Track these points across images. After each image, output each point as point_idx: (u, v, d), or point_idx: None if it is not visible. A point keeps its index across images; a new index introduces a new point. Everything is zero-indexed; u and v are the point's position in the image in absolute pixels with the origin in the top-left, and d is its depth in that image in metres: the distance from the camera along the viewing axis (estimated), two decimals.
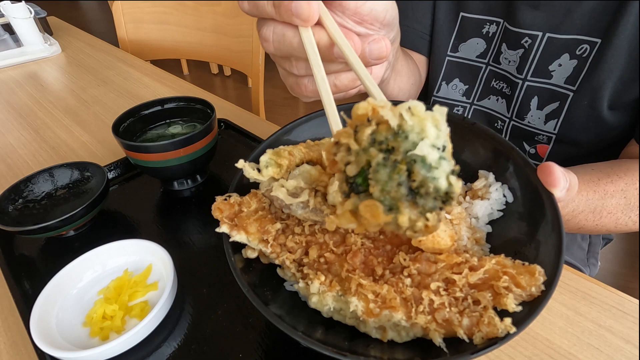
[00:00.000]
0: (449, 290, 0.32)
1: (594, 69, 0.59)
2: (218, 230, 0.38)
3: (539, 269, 0.32)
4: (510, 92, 0.70)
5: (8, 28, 1.30)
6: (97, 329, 0.44)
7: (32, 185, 0.60)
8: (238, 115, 0.89)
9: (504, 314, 0.30)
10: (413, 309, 0.32)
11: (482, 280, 0.33)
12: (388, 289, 0.33)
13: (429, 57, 0.81)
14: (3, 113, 0.97)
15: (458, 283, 0.32)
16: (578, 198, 0.53)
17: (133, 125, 0.67)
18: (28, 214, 0.58)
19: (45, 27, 1.41)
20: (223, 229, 0.38)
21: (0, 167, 0.77)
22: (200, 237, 0.58)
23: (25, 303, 0.47)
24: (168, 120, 0.71)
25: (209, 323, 0.46)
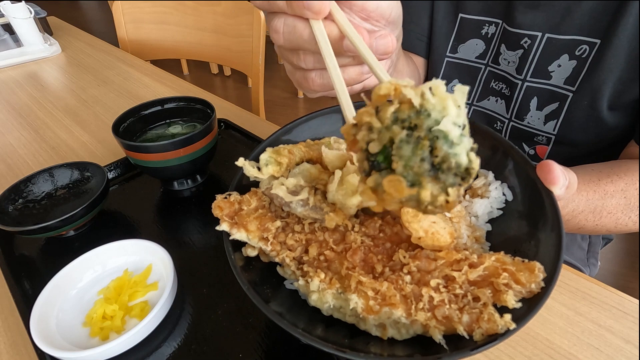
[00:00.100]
0: (449, 287, 0.32)
1: (594, 70, 0.59)
2: (218, 229, 0.38)
3: (539, 266, 0.32)
4: (510, 92, 0.70)
5: (8, 28, 1.30)
6: (97, 329, 0.44)
7: (32, 185, 0.60)
8: (238, 115, 0.89)
9: (504, 311, 0.30)
10: (413, 306, 0.32)
11: (481, 277, 0.33)
12: (388, 286, 0.33)
13: (427, 58, 0.81)
14: (3, 113, 0.97)
15: (458, 280, 0.32)
16: (578, 198, 0.53)
17: (133, 125, 0.67)
18: (28, 214, 0.58)
19: (45, 27, 1.41)
20: (223, 227, 0.38)
21: (0, 167, 0.77)
22: (200, 237, 0.58)
23: (25, 303, 0.47)
24: (168, 120, 0.71)
25: (209, 323, 0.46)
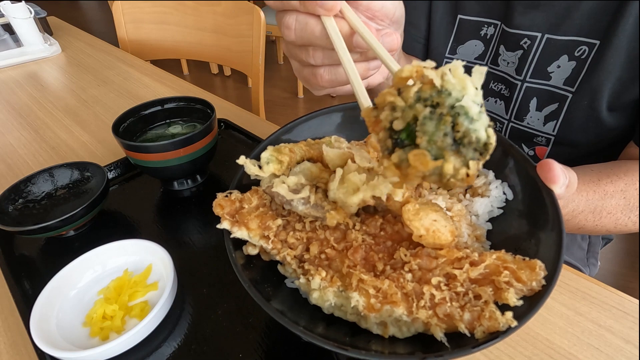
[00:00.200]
0: (450, 285, 0.32)
1: (593, 70, 0.58)
2: (219, 227, 0.38)
3: (540, 264, 0.32)
4: (509, 93, 0.70)
5: (8, 28, 1.30)
6: (97, 329, 0.44)
7: (32, 185, 0.60)
8: (238, 115, 0.89)
9: (505, 309, 0.30)
10: (414, 304, 0.32)
11: (482, 275, 0.33)
12: (389, 284, 0.33)
13: (425, 60, 0.81)
14: (3, 113, 0.97)
15: (459, 278, 0.32)
16: (578, 198, 0.53)
17: (133, 125, 0.67)
18: (28, 214, 0.58)
19: (45, 27, 1.40)
20: (224, 226, 0.38)
21: (0, 167, 0.77)
22: (200, 237, 0.58)
23: (25, 303, 0.47)
24: (168, 120, 0.71)
25: (209, 323, 0.46)
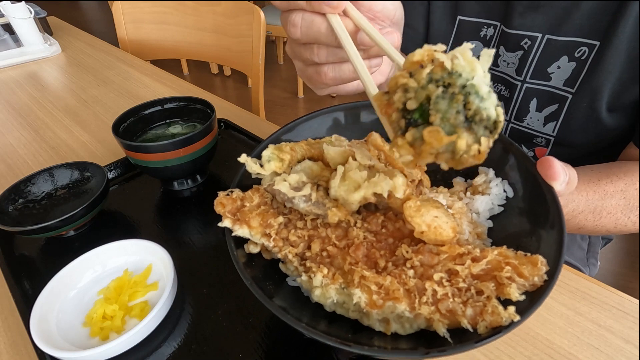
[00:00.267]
0: (452, 281, 0.32)
1: (593, 71, 0.58)
2: (220, 225, 0.38)
3: (541, 259, 0.32)
4: (509, 94, 0.70)
5: (8, 28, 1.30)
6: (97, 329, 0.44)
7: (32, 185, 0.60)
8: (238, 115, 0.89)
9: (507, 304, 0.30)
10: (416, 300, 0.32)
11: (484, 271, 0.33)
12: (391, 280, 0.33)
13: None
14: (3, 113, 0.97)
15: (461, 274, 0.32)
16: (578, 198, 0.53)
17: (133, 125, 0.67)
18: (28, 214, 0.58)
19: (45, 27, 1.40)
20: (225, 224, 0.38)
21: (0, 167, 0.77)
22: (200, 237, 0.58)
23: (25, 303, 0.47)
24: (168, 120, 0.71)
25: (209, 323, 0.46)
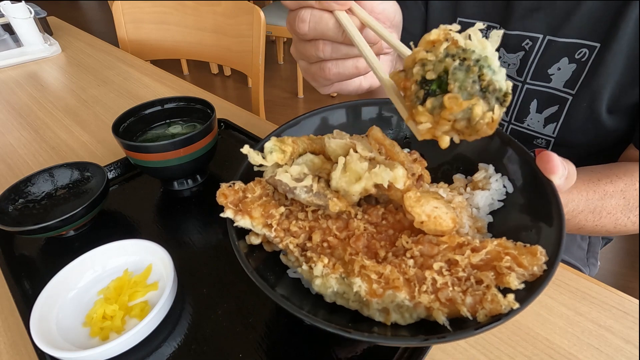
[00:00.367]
0: (452, 271, 0.33)
1: (593, 73, 0.58)
2: (222, 215, 0.38)
3: (541, 249, 0.32)
4: None
5: (8, 28, 1.30)
6: (97, 329, 0.44)
7: (32, 185, 0.60)
8: (238, 115, 0.89)
9: (507, 293, 0.30)
10: (416, 289, 0.32)
11: (484, 261, 0.33)
12: (391, 270, 0.33)
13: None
14: (3, 113, 0.97)
15: (460, 263, 0.33)
16: (578, 198, 0.53)
17: (133, 125, 0.67)
18: (28, 214, 0.58)
19: (45, 27, 1.40)
20: (227, 214, 0.38)
21: (0, 167, 0.77)
22: (200, 237, 0.58)
23: (25, 303, 0.47)
24: (168, 120, 0.71)
25: (209, 323, 0.46)
